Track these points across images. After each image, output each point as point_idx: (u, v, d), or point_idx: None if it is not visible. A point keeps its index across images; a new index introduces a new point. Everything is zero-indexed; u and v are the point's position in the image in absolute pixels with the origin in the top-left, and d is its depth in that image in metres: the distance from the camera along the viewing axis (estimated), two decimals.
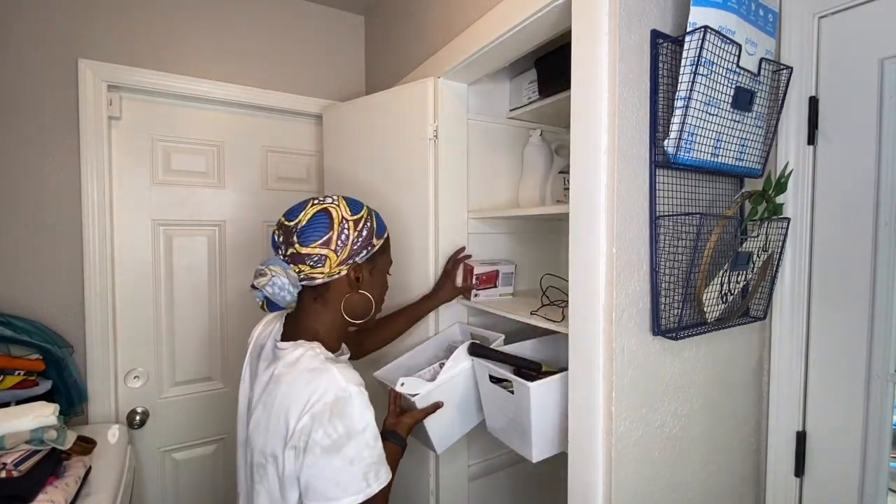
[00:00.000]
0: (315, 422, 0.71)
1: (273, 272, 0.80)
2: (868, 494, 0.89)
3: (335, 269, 0.84)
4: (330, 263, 0.83)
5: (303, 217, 0.84)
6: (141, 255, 1.54)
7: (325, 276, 0.83)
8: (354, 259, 0.85)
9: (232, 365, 1.70)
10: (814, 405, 0.96)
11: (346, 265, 0.84)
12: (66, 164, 1.38)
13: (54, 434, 0.99)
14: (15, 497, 0.90)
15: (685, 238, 0.86)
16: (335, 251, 0.83)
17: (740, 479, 1.03)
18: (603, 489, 0.83)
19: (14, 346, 1.22)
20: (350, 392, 0.73)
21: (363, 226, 0.86)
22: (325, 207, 0.84)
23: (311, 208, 0.85)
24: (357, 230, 0.85)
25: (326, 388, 0.73)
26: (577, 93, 0.84)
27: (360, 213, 0.87)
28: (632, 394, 0.83)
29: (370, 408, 0.76)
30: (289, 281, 0.81)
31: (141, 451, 1.54)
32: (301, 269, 0.82)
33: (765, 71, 0.88)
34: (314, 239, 0.82)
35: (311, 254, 0.82)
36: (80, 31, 1.39)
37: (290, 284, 0.81)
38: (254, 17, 1.66)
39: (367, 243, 0.87)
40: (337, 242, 0.83)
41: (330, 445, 0.71)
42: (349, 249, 0.84)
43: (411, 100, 1.35)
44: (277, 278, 0.80)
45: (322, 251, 0.82)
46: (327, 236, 0.82)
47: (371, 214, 0.90)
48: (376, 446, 0.75)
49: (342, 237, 0.83)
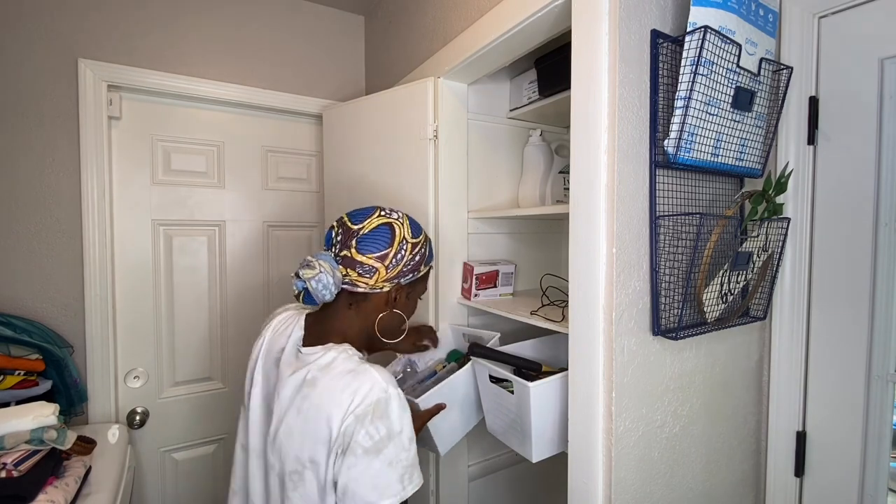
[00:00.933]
0: (358, 423, 0.71)
1: (322, 268, 0.80)
2: (868, 494, 0.89)
3: (380, 284, 0.84)
4: (378, 277, 0.83)
5: (367, 224, 0.84)
6: (141, 255, 1.54)
7: (369, 288, 0.83)
8: (400, 280, 0.86)
9: (232, 365, 1.70)
10: (814, 405, 0.96)
11: (391, 283, 0.85)
12: (67, 164, 1.38)
13: (54, 434, 0.99)
14: (15, 497, 0.90)
15: (685, 238, 0.86)
16: (387, 267, 0.83)
17: (740, 479, 1.03)
18: (603, 489, 0.83)
19: (14, 346, 1.22)
20: (390, 393, 0.74)
21: (418, 251, 0.87)
22: (390, 222, 0.86)
23: (376, 218, 0.86)
24: (412, 253, 0.86)
25: (370, 388, 0.73)
26: (577, 93, 0.84)
27: (419, 238, 0.88)
28: (632, 393, 0.83)
29: (407, 409, 0.76)
30: (333, 281, 0.81)
31: (141, 451, 1.54)
32: (348, 273, 0.82)
33: (765, 71, 0.88)
34: (372, 250, 0.82)
35: (364, 263, 0.82)
36: (80, 31, 1.39)
37: (334, 285, 0.81)
38: (254, 17, 1.66)
39: (416, 268, 0.88)
40: (392, 260, 0.83)
41: (371, 447, 0.71)
42: (399, 269, 0.85)
43: (411, 100, 1.35)
44: (324, 275, 0.80)
45: (375, 264, 0.82)
46: (385, 251, 0.83)
47: (427, 241, 0.91)
48: (411, 449, 0.75)
49: (398, 256, 0.84)
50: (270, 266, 1.77)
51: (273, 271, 1.78)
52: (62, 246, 1.38)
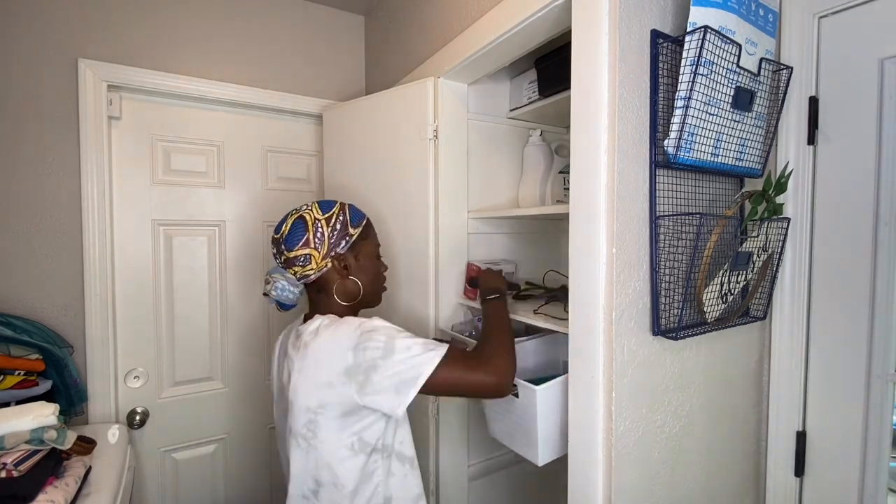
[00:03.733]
0: (358, 349, 0.82)
1: (274, 279, 0.95)
2: (868, 494, 0.89)
3: (322, 264, 0.95)
4: (315, 260, 0.95)
5: (285, 228, 0.96)
6: (141, 255, 1.54)
7: (316, 272, 0.96)
8: (335, 251, 0.96)
9: (232, 365, 1.70)
10: (814, 405, 0.96)
11: (329, 258, 0.96)
12: (66, 164, 1.38)
13: (54, 434, 0.99)
14: (15, 497, 0.90)
15: (685, 238, 0.86)
16: (316, 248, 0.95)
17: (740, 479, 1.03)
18: (603, 489, 0.83)
19: (14, 346, 1.22)
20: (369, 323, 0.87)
21: (335, 221, 0.97)
22: (300, 215, 0.97)
23: (289, 219, 0.97)
24: (330, 226, 0.96)
25: (349, 327, 0.86)
26: (577, 93, 0.84)
27: (330, 211, 0.98)
28: (632, 394, 0.83)
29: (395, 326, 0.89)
30: (288, 283, 0.95)
31: (141, 451, 1.54)
32: (295, 271, 0.95)
33: (765, 71, 0.88)
34: (295, 243, 0.94)
35: (297, 256, 0.94)
36: (80, 31, 1.39)
37: (290, 285, 0.95)
38: (254, 16, 1.66)
39: (344, 235, 0.97)
40: (315, 241, 0.94)
41: (384, 352, 0.82)
42: (327, 244, 0.95)
43: (411, 100, 1.35)
44: (279, 283, 0.95)
45: (304, 251, 0.94)
46: (305, 238, 0.94)
47: (343, 209, 1.00)
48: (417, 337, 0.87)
49: (318, 235, 0.95)
50: (270, 266, 1.76)
51: None
52: (62, 246, 1.38)
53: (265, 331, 1.76)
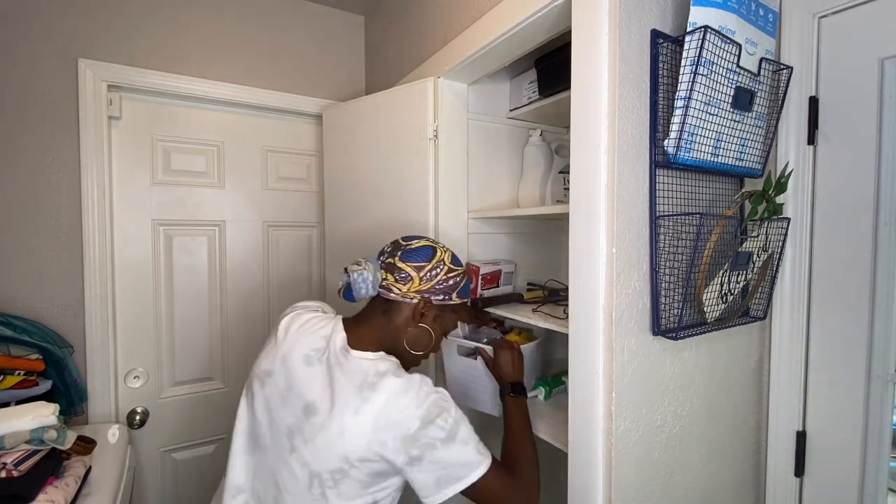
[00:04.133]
0: (425, 422, 0.78)
1: (367, 266, 0.91)
2: (868, 494, 0.89)
3: (411, 293, 0.91)
4: (411, 286, 0.91)
5: (415, 243, 0.95)
6: (141, 255, 1.54)
7: (401, 295, 0.91)
8: (431, 296, 0.92)
9: (232, 365, 1.70)
10: (814, 405, 0.96)
11: (421, 295, 0.91)
12: (66, 164, 1.38)
13: (54, 434, 0.99)
14: (15, 497, 0.90)
15: (685, 238, 0.86)
16: (421, 278, 0.91)
17: (740, 479, 1.03)
18: (603, 489, 0.83)
19: (14, 346, 1.22)
20: (441, 390, 0.85)
21: (453, 276, 0.94)
22: (434, 246, 0.96)
23: (425, 241, 0.96)
24: (447, 275, 0.93)
25: (425, 394, 0.81)
26: (577, 93, 0.84)
27: (457, 267, 0.96)
28: (632, 394, 0.83)
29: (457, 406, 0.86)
30: (372, 279, 0.90)
31: (141, 451, 1.54)
32: (387, 278, 0.92)
33: (765, 71, 0.88)
34: (412, 261, 0.92)
35: (403, 269, 0.91)
36: (80, 30, 1.39)
37: (372, 283, 0.90)
38: (254, 16, 1.66)
39: (448, 292, 0.94)
40: (427, 273, 0.92)
41: (447, 436, 0.79)
42: (432, 285, 0.92)
43: (411, 100, 1.35)
44: (367, 272, 0.90)
45: (412, 273, 0.91)
46: (422, 264, 0.92)
47: (465, 276, 0.98)
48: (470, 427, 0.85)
49: (433, 272, 0.92)
50: (270, 266, 1.77)
51: (273, 271, 1.78)
52: (62, 246, 1.38)
53: (265, 331, 1.76)
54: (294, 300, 1.82)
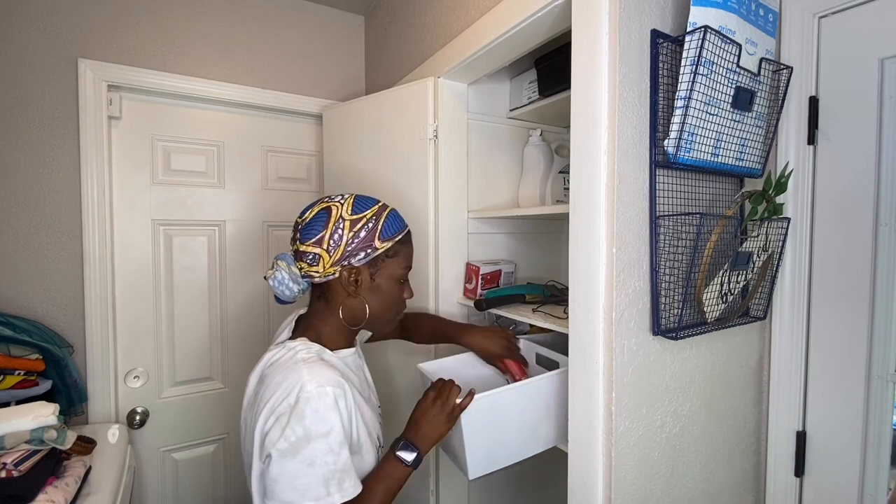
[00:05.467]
0: (277, 424, 0.69)
1: (278, 266, 0.83)
2: (868, 494, 0.89)
3: (329, 270, 0.81)
4: (323, 263, 0.81)
5: (308, 214, 0.84)
6: (141, 254, 1.54)
7: (321, 276, 0.82)
8: (349, 261, 0.81)
9: (232, 365, 1.70)
10: (814, 405, 0.96)
11: (339, 266, 0.81)
12: (66, 163, 1.38)
13: (54, 434, 0.99)
14: (15, 497, 0.90)
15: (685, 238, 0.86)
16: (327, 251, 0.81)
17: (740, 479, 1.03)
18: (603, 489, 0.83)
19: (14, 346, 1.22)
20: (311, 394, 0.70)
21: (362, 226, 0.82)
22: (328, 205, 0.83)
23: (317, 206, 0.84)
24: (353, 231, 0.81)
25: (290, 389, 0.71)
26: (577, 93, 0.84)
27: (362, 213, 0.83)
28: (632, 393, 0.83)
29: (338, 411, 0.72)
30: (289, 276, 0.83)
31: (141, 451, 1.54)
32: (301, 266, 0.83)
33: (765, 71, 0.88)
34: (310, 236, 0.81)
35: (307, 251, 0.82)
36: (80, 31, 1.39)
37: (290, 280, 0.83)
38: (254, 16, 1.66)
39: (366, 245, 0.82)
40: (329, 242, 0.80)
41: (287, 448, 0.68)
42: (342, 250, 0.81)
43: (411, 100, 1.35)
44: (279, 272, 0.83)
45: (315, 250, 0.81)
46: (320, 235, 0.81)
47: (379, 214, 0.85)
48: (342, 454, 0.71)
49: (335, 237, 0.80)
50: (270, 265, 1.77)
51: None
52: (62, 246, 1.38)
53: (265, 331, 1.76)
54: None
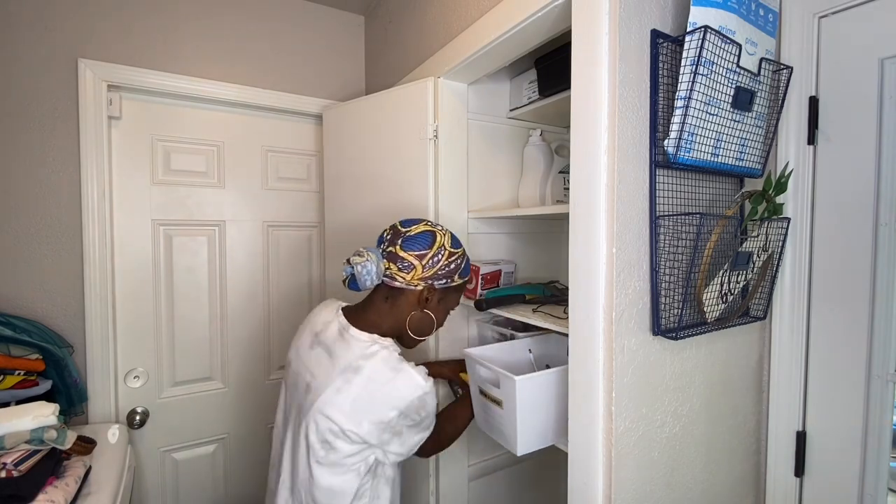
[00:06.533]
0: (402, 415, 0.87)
1: (369, 257, 0.92)
2: (868, 494, 0.89)
3: (415, 281, 0.94)
4: (414, 274, 0.93)
5: (414, 229, 0.96)
6: (141, 255, 1.54)
7: (405, 283, 0.94)
8: (434, 282, 0.95)
9: (232, 365, 1.70)
10: (814, 405, 0.96)
11: (425, 282, 0.94)
12: (67, 164, 1.38)
13: (54, 434, 0.99)
14: (15, 497, 0.90)
15: (685, 238, 0.86)
16: (424, 266, 0.93)
17: (740, 479, 1.03)
18: (603, 489, 0.83)
19: (14, 346, 1.22)
20: (428, 388, 0.90)
21: (454, 260, 0.97)
22: (433, 231, 0.97)
23: (423, 226, 0.97)
24: (448, 260, 0.96)
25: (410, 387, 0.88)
26: (577, 93, 0.84)
27: (457, 250, 0.98)
28: (632, 393, 0.83)
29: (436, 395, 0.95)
30: (376, 270, 0.93)
31: (141, 451, 1.54)
32: (389, 267, 0.94)
33: (765, 71, 0.88)
34: (414, 249, 0.93)
35: (405, 258, 0.93)
36: (80, 31, 1.39)
37: (376, 274, 0.93)
38: (254, 16, 1.66)
39: (450, 276, 0.96)
40: (429, 260, 0.94)
41: (413, 425, 0.92)
42: (435, 271, 0.94)
43: (411, 100, 1.35)
44: (370, 263, 0.92)
45: (414, 261, 0.93)
46: (424, 252, 0.94)
47: (464, 256, 1.00)
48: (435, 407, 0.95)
49: (435, 259, 0.94)
50: (270, 266, 1.77)
51: (273, 271, 1.78)
52: (62, 246, 1.38)
53: (265, 331, 1.76)
54: (294, 300, 1.82)
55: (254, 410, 1.74)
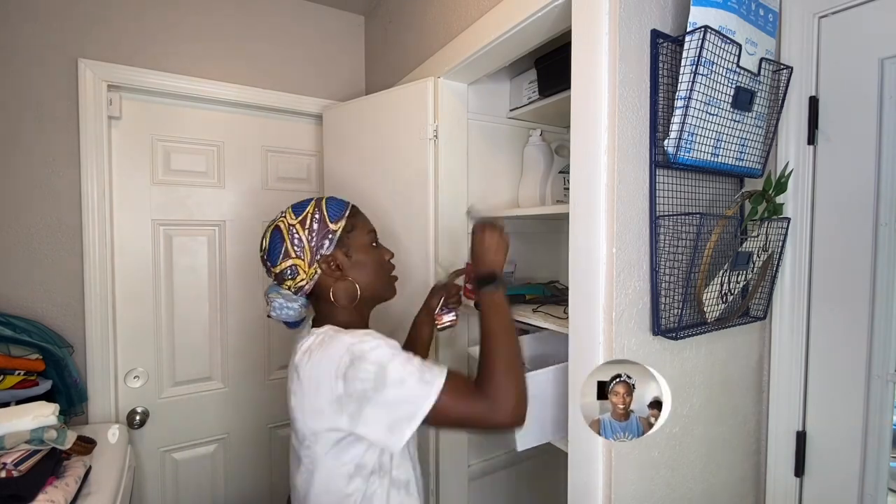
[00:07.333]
0: (348, 379, 0.73)
1: (271, 298, 0.91)
2: (868, 494, 0.89)
3: (311, 271, 0.87)
4: (302, 269, 0.87)
5: (265, 243, 0.90)
6: (141, 255, 1.54)
7: (308, 281, 0.88)
8: (320, 253, 0.87)
9: (232, 365, 1.70)
10: (814, 405, 0.96)
11: (315, 263, 0.87)
12: (67, 164, 1.38)
13: (54, 434, 0.99)
14: (15, 497, 0.90)
15: (685, 238, 0.86)
16: (299, 257, 0.86)
17: (740, 479, 1.03)
18: (603, 489, 0.83)
19: (14, 346, 1.22)
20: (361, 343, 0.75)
21: (311, 221, 0.88)
22: (275, 225, 0.90)
23: (267, 232, 0.91)
24: (306, 228, 0.87)
25: (339, 347, 0.76)
26: (577, 93, 0.84)
27: (303, 212, 0.89)
28: None
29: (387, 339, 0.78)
30: (284, 300, 0.90)
31: (141, 451, 1.54)
32: (288, 286, 0.88)
33: (765, 71, 0.88)
34: (277, 256, 0.87)
35: (283, 270, 0.87)
36: (80, 30, 1.39)
37: (287, 301, 0.90)
38: (254, 16, 1.66)
39: (324, 234, 0.88)
40: (294, 249, 0.86)
41: (373, 383, 0.72)
42: (307, 248, 0.87)
43: (411, 100, 1.35)
44: (275, 301, 0.90)
45: (288, 263, 0.87)
46: (284, 248, 0.87)
47: (318, 205, 0.91)
48: (413, 360, 0.75)
49: (295, 242, 0.87)
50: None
51: None
52: (62, 246, 1.38)
53: (265, 331, 1.76)
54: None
55: (254, 410, 1.73)
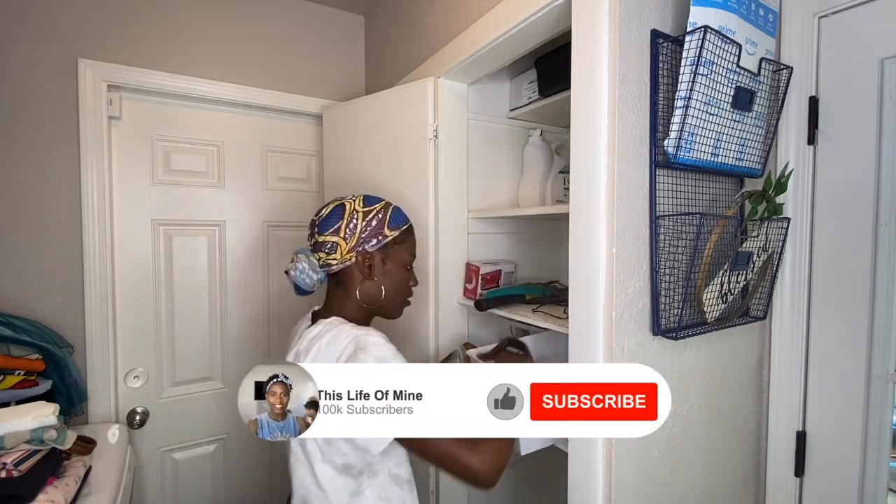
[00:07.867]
0: None
1: (298, 259, 0.92)
2: (868, 494, 0.89)
3: (346, 256, 0.90)
4: (341, 250, 0.90)
5: (324, 212, 0.93)
6: (141, 254, 1.53)
7: (339, 263, 0.91)
8: (363, 246, 0.91)
9: (232, 365, 1.70)
10: (814, 405, 0.96)
11: (355, 252, 0.91)
12: (66, 164, 1.38)
13: (54, 434, 0.99)
14: (15, 497, 0.90)
15: (685, 238, 0.86)
16: (344, 238, 0.90)
17: (740, 479, 1.03)
18: (603, 489, 0.83)
19: (14, 346, 1.22)
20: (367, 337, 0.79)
21: (373, 217, 0.92)
22: (341, 202, 0.94)
23: (331, 204, 0.94)
24: (366, 220, 0.91)
25: (345, 339, 0.80)
26: (577, 93, 0.84)
27: (372, 206, 0.94)
28: None
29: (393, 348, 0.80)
30: (308, 266, 0.92)
31: (141, 451, 1.54)
32: (320, 257, 0.91)
33: (765, 71, 0.88)
34: (327, 228, 0.91)
35: (325, 241, 0.91)
36: (79, 31, 1.39)
37: (311, 269, 0.92)
38: (254, 16, 1.66)
39: (378, 233, 0.92)
40: (345, 231, 0.90)
41: None
42: (357, 237, 0.90)
43: (411, 100, 1.35)
44: (300, 263, 0.92)
45: (333, 238, 0.90)
46: (337, 225, 0.90)
47: (386, 208, 0.96)
48: None
49: (350, 226, 0.90)
50: (270, 266, 1.77)
51: (273, 271, 1.78)
52: (62, 246, 1.38)
53: (265, 331, 1.76)
54: (294, 299, 1.82)
55: None
